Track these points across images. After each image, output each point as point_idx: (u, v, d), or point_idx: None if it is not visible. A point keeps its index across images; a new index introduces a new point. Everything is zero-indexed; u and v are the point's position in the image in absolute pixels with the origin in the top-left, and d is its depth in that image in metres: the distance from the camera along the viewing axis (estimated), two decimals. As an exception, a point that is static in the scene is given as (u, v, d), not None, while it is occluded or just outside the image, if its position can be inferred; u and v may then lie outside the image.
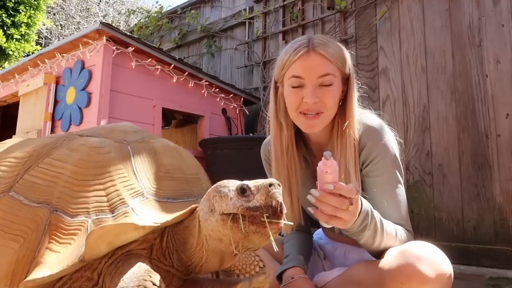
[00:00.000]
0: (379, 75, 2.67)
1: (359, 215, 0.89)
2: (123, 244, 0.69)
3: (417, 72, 2.52)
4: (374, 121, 1.12)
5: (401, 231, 1.03)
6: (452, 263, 0.92)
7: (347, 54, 1.13)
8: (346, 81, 1.12)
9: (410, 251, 0.92)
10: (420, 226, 2.34)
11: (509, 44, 2.19)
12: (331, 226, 0.89)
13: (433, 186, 2.35)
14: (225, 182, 0.70)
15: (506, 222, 2.08)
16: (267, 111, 1.24)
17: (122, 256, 0.70)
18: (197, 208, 0.74)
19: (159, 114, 2.77)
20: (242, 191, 0.66)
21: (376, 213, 0.97)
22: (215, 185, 0.72)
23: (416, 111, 2.48)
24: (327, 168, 0.83)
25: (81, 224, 0.69)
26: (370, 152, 1.08)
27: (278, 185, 0.66)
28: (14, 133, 3.13)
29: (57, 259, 0.65)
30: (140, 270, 0.64)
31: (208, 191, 0.71)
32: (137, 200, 0.73)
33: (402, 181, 1.09)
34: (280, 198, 0.64)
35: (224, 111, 3.26)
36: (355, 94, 1.12)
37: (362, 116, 1.13)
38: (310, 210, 0.89)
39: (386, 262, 0.95)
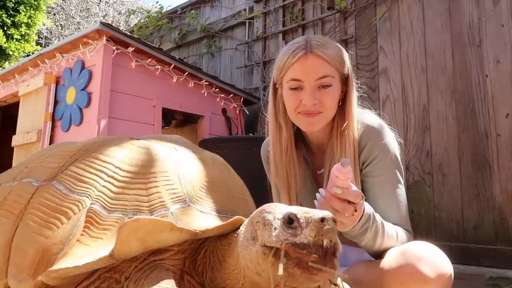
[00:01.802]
0: (379, 75, 2.67)
1: (360, 219, 0.89)
2: (157, 246, 0.65)
3: (417, 72, 2.52)
4: (374, 121, 1.12)
5: (401, 232, 1.03)
6: (452, 263, 0.92)
7: (345, 55, 1.13)
8: (345, 81, 1.12)
9: (410, 251, 0.92)
10: (420, 226, 2.34)
11: (509, 44, 2.19)
12: None
13: (433, 186, 2.35)
14: (271, 206, 0.61)
15: (506, 222, 2.08)
16: (266, 112, 1.24)
17: (152, 263, 0.66)
18: (240, 231, 0.67)
19: (159, 114, 2.77)
20: (289, 221, 0.56)
21: (377, 216, 0.97)
22: (260, 208, 0.63)
23: (416, 111, 2.48)
24: (341, 175, 0.82)
25: (117, 221, 0.67)
26: (371, 152, 1.08)
27: (333, 220, 0.55)
28: (14, 133, 3.13)
29: (85, 252, 0.63)
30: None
31: (253, 214, 0.63)
32: (178, 206, 0.70)
33: (402, 181, 1.09)
34: (334, 238, 0.54)
35: (224, 111, 3.26)
36: (355, 94, 1.13)
37: (362, 116, 1.13)
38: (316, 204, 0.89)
39: (386, 262, 0.95)
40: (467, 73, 2.32)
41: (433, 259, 0.89)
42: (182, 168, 0.77)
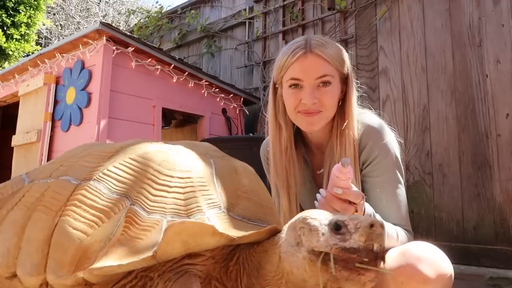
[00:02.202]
0: (379, 75, 2.67)
1: None
2: (197, 249, 0.66)
3: (417, 72, 2.52)
4: (375, 121, 1.12)
5: (401, 233, 1.03)
6: (452, 263, 0.91)
7: (345, 54, 1.13)
8: (344, 81, 1.12)
9: (410, 252, 0.92)
10: (420, 226, 2.33)
11: (509, 44, 2.19)
12: None
13: (433, 186, 2.35)
14: (314, 212, 0.63)
15: (506, 222, 2.08)
16: (266, 111, 1.24)
17: (185, 266, 0.67)
18: (279, 235, 0.68)
19: (159, 114, 2.77)
20: (337, 228, 0.58)
21: (378, 216, 0.97)
22: (302, 215, 0.64)
23: (416, 111, 2.48)
24: (341, 175, 0.82)
25: (156, 222, 0.67)
26: (371, 152, 1.08)
27: (381, 226, 0.57)
28: (14, 133, 3.13)
29: (127, 251, 0.63)
30: None
31: (293, 221, 0.65)
32: (213, 212, 0.71)
33: (402, 182, 1.09)
34: (383, 242, 0.56)
35: (224, 111, 3.26)
36: (354, 94, 1.13)
37: (362, 116, 1.13)
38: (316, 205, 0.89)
39: (387, 262, 0.95)
40: (467, 73, 2.32)
41: (434, 259, 0.89)
42: (216, 175, 0.78)
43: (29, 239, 0.70)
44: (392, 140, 1.10)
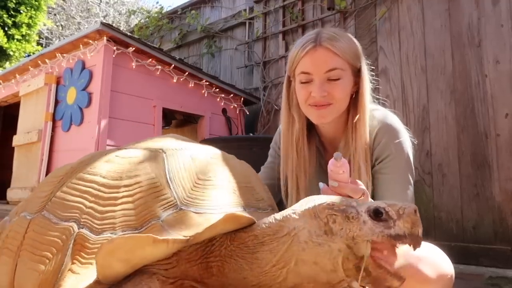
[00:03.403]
0: (379, 75, 2.68)
1: None
2: (145, 262, 0.60)
3: (417, 72, 2.52)
4: (393, 120, 1.12)
5: None
6: (451, 263, 0.92)
7: (358, 47, 1.12)
8: (357, 73, 1.12)
9: (410, 251, 0.92)
10: (420, 226, 2.34)
11: (508, 44, 2.19)
12: None
13: (433, 186, 2.35)
14: (342, 199, 0.60)
15: (506, 222, 2.09)
16: (267, 111, 1.25)
17: (142, 271, 0.62)
18: (289, 225, 0.62)
19: (159, 114, 2.77)
20: (377, 214, 0.56)
21: None
22: (324, 201, 0.61)
23: (416, 111, 2.49)
24: (335, 168, 0.84)
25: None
26: (385, 149, 1.08)
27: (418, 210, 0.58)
28: (15, 133, 3.14)
29: (76, 281, 0.60)
30: None
31: (313, 207, 0.61)
32: (169, 212, 0.65)
33: (412, 183, 1.08)
34: (421, 227, 0.57)
35: (224, 111, 3.26)
36: (367, 87, 1.12)
37: (380, 113, 1.14)
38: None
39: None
40: (467, 73, 2.32)
41: (434, 259, 0.89)
42: (169, 169, 0.72)
43: None
44: (406, 140, 1.10)
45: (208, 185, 0.72)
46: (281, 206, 1.08)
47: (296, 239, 0.60)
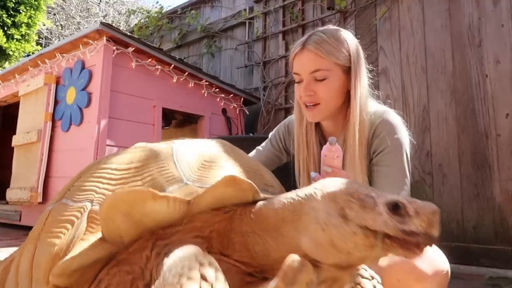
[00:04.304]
0: (379, 75, 2.67)
1: None
2: (149, 220, 0.61)
3: (417, 72, 2.52)
4: (394, 117, 1.16)
5: None
6: (452, 263, 0.92)
7: (349, 46, 1.17)
8: (349, 71, 1.16)
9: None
10: (420, 226, 2.33)
11: (509, 44, 2.19)
12: None
13: (433, 186, 2.35)
14: (362, 188, 0.61)
15: (506, 222, 2.08)
16: (267, 111, 1.29)
17: (166, 247, 0.62)
18: (310, 204, 0.62)
19: (159, 114, 2.77)
20: (395, 208, 0.56)
21: None
22: (344, 186, 0.62)
23: (416, 111, 2.48)
24: (329, 153, 0.86)
25: None
26: (383, 142, 1.11)
27: (440, 213, 0.58)
28: (15, 133, 3.13)
29: (84, 245, 0.63)
30: (186, 255, 0.51)
31: (334, 192, 0.61)
32: (175, 186, 0.68)
33: (408, 177, 1.11)
34: (440, 229, 0.57)
35: (224, 111, 3.26)
36: (361, 84, 1.17)
37: (382, 110, 1.18)
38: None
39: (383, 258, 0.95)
40: (467, 73, 2.32)
41: (430, 256, 0.88)
42: (177, 154, 0.77)
43: (22, 272, 0.75)
44: (405, 137, 1.13)
45: (214, 167, 0.75)
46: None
47: (314, 219, 0.61)
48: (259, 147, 1.43)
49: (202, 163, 0.75)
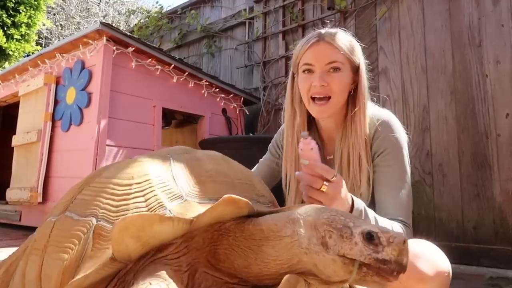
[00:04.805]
0: (379, 75, 2.67)
1: (351, 212, 0.90)
2: (155, 240, 0.67)
3: (417, 72, 2.52)
4: (392, 118, 1.19)
5: (397, 227, 1.03)
6: (452, 263, 0.92)
7: (356, 46, 1.21)
8: (356, 71, 1.19)
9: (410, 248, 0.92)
10: (420, 226, 2.34)
11: (509, 44, 2.19)
12: None
13: (433, 186, 2.35)
14: (340, 216, 0.66)
15: (506, 222, 2.08)
16: (267, 111, 1.29)
17: (157, 260, 0.69)
18: (293, 228, 0.67)
19: (159, 114, 2.77)
20: (370, 237, 0.61)
21: (370, 212, 0.97)
22: (323, 215, 0.66)
23: (416, 111, 2.48)
24: (304, 146, 0.89)
25: None
26: (383, 143, 1.13)
27: (407, 242, 0.63)
28: (14, 133, 3.13)
29: (94, 263, 0.67)
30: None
31: (314, 219, 0.66)
32: (176, 203, 0.74)
33: (409, 176, 1.13)
34: (409, 257, 0.62)
35: (224, 111, 3.26)
36: (365, 84, 1.19)
37: (381, 112, 1.21)
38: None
39: None
40: (467, 73, 2.32)
41: (431, 257, 0.89)
42: (174, 169, 0.82)
43: (30, 281, 0.80)
44: (404, 137, 1.17)
45: (210, 181, 0.81)
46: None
47: (297, 243, 0.66)
48: (261, 159, 1.44)
49: (198, 178, 0.81)
